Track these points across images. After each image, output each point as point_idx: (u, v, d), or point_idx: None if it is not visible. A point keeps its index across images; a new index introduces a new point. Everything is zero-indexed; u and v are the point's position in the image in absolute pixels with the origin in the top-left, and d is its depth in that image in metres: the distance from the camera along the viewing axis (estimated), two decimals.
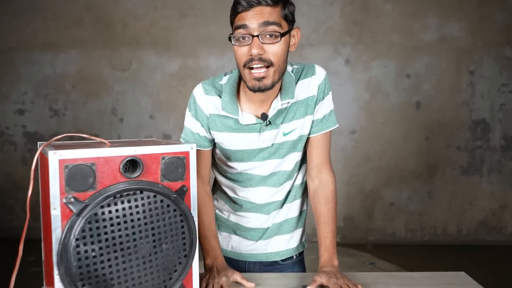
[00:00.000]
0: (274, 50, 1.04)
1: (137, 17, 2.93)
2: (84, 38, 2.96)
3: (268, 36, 1.02)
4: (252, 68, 1.04)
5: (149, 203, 0.77)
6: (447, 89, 2.93)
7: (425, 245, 2.98)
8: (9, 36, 2.95)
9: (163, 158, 0.81)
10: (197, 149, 1.10)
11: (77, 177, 0.71)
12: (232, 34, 1.06)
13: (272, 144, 1.15)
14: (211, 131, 1.17)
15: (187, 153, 0.84)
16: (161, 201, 0.78)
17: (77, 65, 2.99)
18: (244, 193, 1.20)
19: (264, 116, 1.13)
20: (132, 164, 0.77)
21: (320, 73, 1.17)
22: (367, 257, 2.79)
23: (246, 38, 1.03)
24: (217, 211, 1.26)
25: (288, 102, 1.13)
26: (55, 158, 0.69)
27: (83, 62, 2.99)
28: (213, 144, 1.20)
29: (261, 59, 1.02)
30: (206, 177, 1.21)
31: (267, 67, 1.04)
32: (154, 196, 0.77)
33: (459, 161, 2.98)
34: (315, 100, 1.17)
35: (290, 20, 1.07)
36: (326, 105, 1.19)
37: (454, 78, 2.92)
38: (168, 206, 0.79)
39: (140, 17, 2.93)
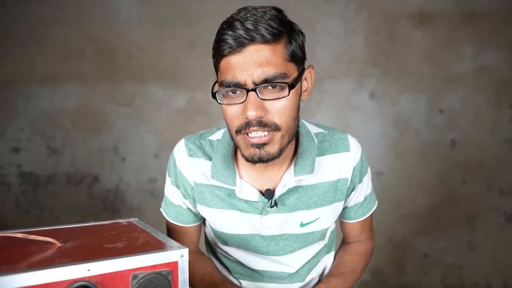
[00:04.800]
0: (279, 108, 0.69)
1: (142, 48, 2.70)
2: (85, 70, 2.74)
3: (270, 87, 0.69)
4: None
5: None
6: (486, 125, 2.60)
7: None
8: (5, 69, 2.74)
9: (135, 277, 0.51)
10: (179, 226, 0.94)
11: None
12: (216, 88, 0.70)
13: (282, 235, 0.84)
14: (197, 205, 0.86)
15: (174, 265, 0.54)
16: None
17: (77, 100, 2.76)
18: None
19: (268, 194, 0.79)
20: None
21: (355, 149, 0.87)
22: None
23: (238, 92, 0.69)
24: None
25: (303, 179, 0.80)
26: None
27: (84, 96, 2.75)
28: (202, 218, 0.93)
29: (261, 123, 0.70)
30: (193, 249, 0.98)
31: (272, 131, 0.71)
32: None
33: (503, 207, 2.62)
34: (348, 185, 0.89)
35: (299, 58, 0.72)
36: (366, 187, 0.98)
37: (494, 113, 2.60)
38: None
39: (145, 49, 2.70)
